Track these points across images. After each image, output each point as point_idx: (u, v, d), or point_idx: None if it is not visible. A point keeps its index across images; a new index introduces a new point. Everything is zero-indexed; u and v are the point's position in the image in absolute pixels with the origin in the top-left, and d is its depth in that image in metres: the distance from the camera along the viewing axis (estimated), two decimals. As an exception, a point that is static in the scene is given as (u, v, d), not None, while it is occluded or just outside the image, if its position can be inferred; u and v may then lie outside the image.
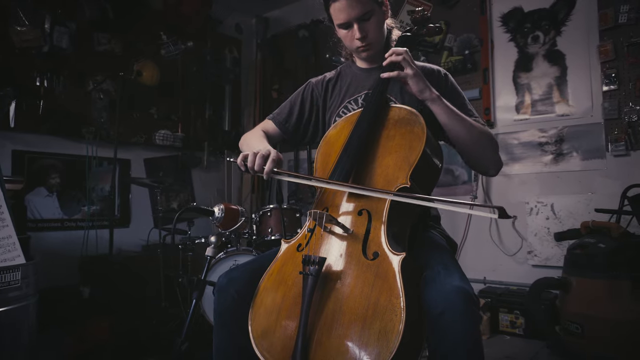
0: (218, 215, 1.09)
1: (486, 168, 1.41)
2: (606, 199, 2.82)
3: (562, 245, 2.95)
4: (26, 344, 1.39)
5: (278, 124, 1.62)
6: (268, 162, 1.24)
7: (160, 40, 3.29)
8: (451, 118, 1.29)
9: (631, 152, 2.84)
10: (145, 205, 3.91)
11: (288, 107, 1.64)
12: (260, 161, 1.24)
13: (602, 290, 2.25)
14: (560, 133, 3.09)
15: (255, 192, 4.53)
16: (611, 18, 2.91)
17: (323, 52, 4.25)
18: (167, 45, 3.22)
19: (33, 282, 1.42)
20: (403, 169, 1.19)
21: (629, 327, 2.17)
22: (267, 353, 1.12)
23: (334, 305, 1.08)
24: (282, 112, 1.64)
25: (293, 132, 1.61)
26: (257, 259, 1.36)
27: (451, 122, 1.29)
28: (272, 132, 1.61)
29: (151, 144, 3.87)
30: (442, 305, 1.03)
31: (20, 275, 1.34)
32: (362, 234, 1.15)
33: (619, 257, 2.24)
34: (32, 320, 1.42)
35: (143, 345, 2.69)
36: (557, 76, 3.12)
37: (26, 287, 1.35)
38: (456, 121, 1.30)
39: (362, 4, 1.38)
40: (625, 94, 2.87)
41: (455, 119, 1.30)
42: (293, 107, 1.63)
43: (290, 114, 1.62)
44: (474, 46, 3.39)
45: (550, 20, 3.15)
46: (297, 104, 1.63)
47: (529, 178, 3.20)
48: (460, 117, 1.31)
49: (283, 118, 1.62)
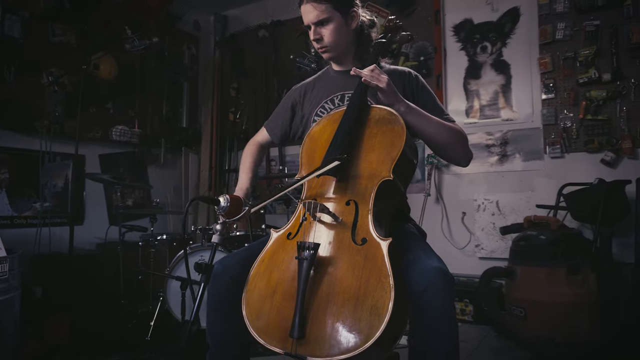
0: (224, 205, 1.15)
1: (458, 161, 1.56)
2: (544, 196, 3.12)
3: (505, 238, 3.23)
4: (12, 335, 1.36)
5: (269, 131, 1.79)
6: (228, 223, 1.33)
7: (125, 34, 3.23)
8: (424, 124, 1.42)
9: (565, 155, 3.17)
10: (99, 203, 3.80)
11: (275, 115, 1.80)
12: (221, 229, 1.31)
13: (543, 277, 2.51)
14: (505, 136, 3.37)
15: (213, 190, 4.53)
16: (550, 34, 3.23)
17: (284, 52, 4.34)
18: (132, 40, 3.17)
19: (18, 274, 1.39)
20: (386, 163, 1.31)
21: (565, 308, 2.45)
22: (263, 334, 1.20)
23: (328, 287, 1.18)
24: (272, 120, 1.80)
25: (281, 137, 1.78)
26: (248, 248, 1.44)
27: (424, 127, 1.42)
28: (265, 139, 1.80)
29: (107, 139, 3.78)
30: (424, 284, 1.16)
31: (8, 267, 1.32)
32: (350, 222, 1.26)
33: (557, 248, 2.51)
34: (16, 312, 1.39)
35: (105, 343, 2.66)
36: (502, 84, 3.41)
37: (12, 279, 1.32)
38: (429, 126, 1.43)
39: (319, 10, 1.51)
40: (561, 102, 3.20)
41: (428, 124, 1.43)
42: (278, 115, 1.78)
43: (276, 121, 1.78)
44: (429, 53, 3.61)
45: (497, 33, 3.43)
46: (281, 111, 1.78)
47: (477, 177, 3.47)
48: (432, 121, 1.44)
49: (272, 125, 1.79)
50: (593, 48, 3.08)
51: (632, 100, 2.99)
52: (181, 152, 4.47)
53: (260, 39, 4.47)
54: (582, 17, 3.14)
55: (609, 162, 3.01)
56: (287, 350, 1.14)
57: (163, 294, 2.73)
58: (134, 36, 3.16)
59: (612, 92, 3.02)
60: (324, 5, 1.49)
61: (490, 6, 3.46)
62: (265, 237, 1.42)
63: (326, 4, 1.50)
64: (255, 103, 4.51)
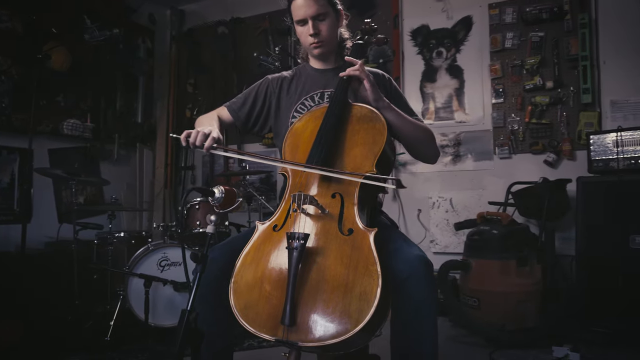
0: (218, 196, 1.17)
1: (428, 158, 1.66)
2: (494, 194, 3.33)
3: (458, 234, 3.42)
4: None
5: (231, 111, 1.74)
6: (208, 139, 1.38)
7: (84, 24, 3.10)
8: (401, 122, 1.51)
9: (513, 155, 3.41)
10: (48, 200, 3.62)
11: (243, 97, 1.76)
12: (201, 137, 1.38)
13: (495, 269, 2.69)
14: (458, 137, 3.57)
15: (169, 188, 4.43)
16: (499, 42, 3.46)
17: (243, 49, 4.33)
18: (92, 30, 3.05)
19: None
20: (369, 158, 1.39)
21: (515, 297, 2.64)
22: (253, 322, 1.22)
23: (317, 276, 1.23)
24: (237, 101, 1.76)
25: (244, 121, 1.74)
26: (234, 240, 1.46)
27: (400, 124, 1.51)
28: (225, 118, 1.74)
29: (57, 133, 3.60)
30: (407, 271, 1.24)
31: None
32: (336, 213, 1.32)
33: (508, 241, 2.71)
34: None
35: (61, 346, 2.55)
36: (456, 88, 3.61)
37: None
38: (405, 124, 1.53)
39: (318, 5, 1.56)
40: (509, 107, 3.43)
41: (404, 122, 1.52)
42: (247, 98, 1.75)
43: (243, 104, 1.74)
44: (388, 56, 3.74)
45: (451, 39, 3.63)
46: (251, 96, 1.75)
47: (432, 176, 3.64)
48: (407, 120, 1.54)
49: (237, 107, 1.74)
50: (538, 57, 3.33)
51: (571, 107, 3.26)
52: (136, 148, 4.34)
53: (220, 35, 4.43)
54: (529, 29, 3.39)
55: (551, 163, 3.27)
56: (278, 337, 1.17)
57: (124, 293, 2.66)
58: (94, 26, 3.04)
59: (554, 98, 3.29)
60: (323, 0, 1.54)
61: (445, 14, 3.65)
62: (249, 229, 1.45)
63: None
64: (214, 100, 4.46)
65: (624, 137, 2.58)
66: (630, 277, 2.39)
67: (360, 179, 1.32)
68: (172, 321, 2.67)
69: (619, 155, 2.57)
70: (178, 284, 2.58)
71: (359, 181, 1.33)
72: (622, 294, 2.39)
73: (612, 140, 2.62)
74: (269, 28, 4.26)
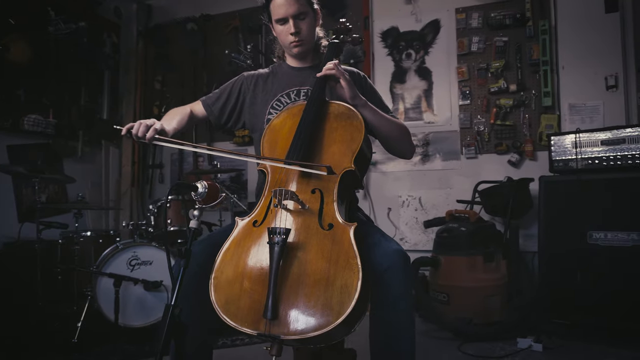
0: (201, 191, 1.16)
1: (404, 153, 1.70)
2: (461, 192, 3.44)
3: (427, 232, 3.51)
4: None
5: (205, 106, 1.76)
6: (150, 130, 1.39)
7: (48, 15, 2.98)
8: (377, 119, 1.55)
9: (479, 155, 3.52)
10: (5, 198, 3.47)
11: (218, 93, 1.78)
12: (143, 129, 1.39)
13: (463, 265, 2.78)
14: (427, 137, 3.66)
15: (136, 186, 4.33)
16: (466, 46, 3.57)
17: (213, 47, 4.29)
18: (57, 22, 2.93)
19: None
20: (347, 155, 1.41)
21: (481, 292, 2.74)
22: (235, 317, 1.23)
23: (298, 270, 1.24)
24: (212, 96, 1.78)
25: (217, 115, 1.76)
26: (213, 235, 1.45)
27: (377, 122, 1.55)
28: (198, 112, 1.76)
29: (17, 129, 3.46)
30: (386, 264, 1.28)
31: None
32: (316, 209, 1.34)
33: (475, 238, 2.80)
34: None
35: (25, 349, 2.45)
36: (425, 89, 3.70)
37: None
38: (381, 120, 1.56)
39: (300, 4, 1.59)
40: (475, 108, 3.55)
41: (380, 119, 1.56)
42: (222, 94, 1.77)
43: (218, 99, 1.76)
44: (358, 57, 3.80)
45: (420, 42, 3.72)
46: (226, 91, 1.77)
47: (402, 175, 3.72)
48: (383, 117, 1.58)
49: (211, 101, 1.76)
50: (502, 61, 3.46)
51: (532, 109, 3.41)
52: (101, 146, 4.21)
53: (189, 31, 4.36)
54: (493, 34, 3.51)
55: (514, 163, 3.41)
56: (260, 331, 1.18)
57: (92, 293, 2.59)
58: (59, 18, 2.93)
59: (517, 101, 3.42)
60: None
61: (414, 16, 3.74)
62: (228, 225, 1.45)
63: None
64: (183, 97, 4.38)
65: (582, 139, 2.72)
66: (588, 271, 2.52)
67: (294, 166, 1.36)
68: (142, 321, 2.61)
69: (577, 156, 2.71)
70: (149, 283, 2.53)
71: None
72: (581, 287, 2.51)
73: (571, 142, 2.75)
74: (239, 26, 4.24)
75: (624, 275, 2.42)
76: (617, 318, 2.40)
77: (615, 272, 2.44)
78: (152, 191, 4.44)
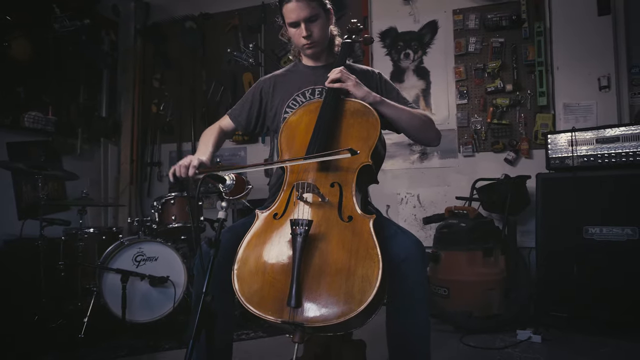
0: (229, 183, 1.20)
1: (430, 141, 1.73)
2: (459, 190, 3.51)
3: (425, 228, 3.58)
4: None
5: (232, 118, 1.85)
6: (190, 169, 1.43)
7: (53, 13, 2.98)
8: (395, 112, 1.60)
9: (476, 153, 3.60)
10: (4, 195, 3.45)
11: (241, 103, 1.86)
12: (184, 170, 1.44)
13: (463, 260, 2.85)
14: (425, 136, 3.72)
15: (134, 184, 4.33)
16: (463, 46, 3.65)
17: (212, 45, 4.31)
18: (62, 19, 2.93)
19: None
20: (364, 150, 1.46)
21: (481, 286, 2.81)
22: (258, 306, 1.27)
23: (320, 260, 1.29)
24: (237, 108, 1.86)
25: (245, 125, 1.84)
26: (234, 227, 1.49)
27: (396, 115, 1.60)
28: (228, 126, 1.85)
29: (17, 126, 3.45)
30: (404, 255, 1.33)
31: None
32: (336, 202, 1.38)
33: (475, 233, 2.87)
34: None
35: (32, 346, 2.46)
36: (423, 88, 3.77)
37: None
38: (400, 114, 1.61)
39: (310, 7, 1.63)
40: (473, 108, 3.63)
41: (399, 112, 1.61)
42: (245, 104, 1.85)
43: (242, 110, 1.84)
44: (357, 56, 3.85)
45: (418, 42, 3.78)
46: (249, 100, 1.84)
47: (400, 173, 3.78)
48: (402, 110, 1.62)
49: (237, 113, 1.85)
50: (498, 62, 3.54)
51: (528, 109, 3.49)
52: (100, 143, 4.21)
53: (188, 30, 4.38)
54: (490, 35, 3.59)
55: (510, 161, 3.49)
56: (284, 319, 1.22)
57: (97, 289, 2.60)
58: (64, 16, 2.94)
59: (513, 100, 3.51)
60: (314, 2, 1.60)
61: (412, 17, 3.80)
62: (249, 217, 1.49)
63: (315, 1, 1.60)
64: (181, 95, 4.40)
65: (577, 137, 2.80)
66: (584, 265, 2.60)
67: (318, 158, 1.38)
68: (147, 317, 2.63)
69: (573, 154, 2.79)
70: (156, 279, 2.55)
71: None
72: (577, 280, 2.59)
73: (567, 140, 2.83)
74: (238, 25, 4.27)
75: (619, 269, 2.50)
76: (614, 310, 2.49)
77: (611, 266, 2.53)
78: (151, 189, 4.45)
